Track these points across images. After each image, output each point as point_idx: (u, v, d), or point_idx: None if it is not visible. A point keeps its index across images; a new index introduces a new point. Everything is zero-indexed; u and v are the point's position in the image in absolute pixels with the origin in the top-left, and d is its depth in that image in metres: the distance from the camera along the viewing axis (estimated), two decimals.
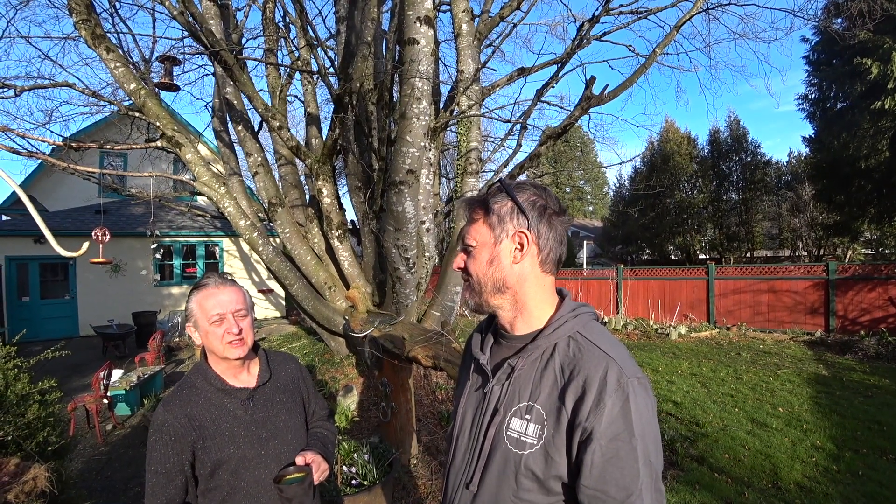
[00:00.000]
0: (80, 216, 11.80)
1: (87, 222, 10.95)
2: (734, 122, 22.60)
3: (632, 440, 0.77)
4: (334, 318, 5.63)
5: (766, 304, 9.77)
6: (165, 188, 13.08)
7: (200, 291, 1.39)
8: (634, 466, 0.77)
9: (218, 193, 4.86)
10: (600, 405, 0.78)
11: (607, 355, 0.83)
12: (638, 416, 0.79)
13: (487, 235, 0.93)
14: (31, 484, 1.80)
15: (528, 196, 0.93)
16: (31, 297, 11.34)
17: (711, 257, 22.74)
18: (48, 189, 12.99)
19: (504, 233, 0.92)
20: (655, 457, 0.81)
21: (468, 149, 6.22)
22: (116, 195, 11.83)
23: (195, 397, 1.36)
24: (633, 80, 5.80)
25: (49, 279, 11.57)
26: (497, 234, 0.92)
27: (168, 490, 1.28)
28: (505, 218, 0.92)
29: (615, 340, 0.90)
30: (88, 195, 12.54)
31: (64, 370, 7.20)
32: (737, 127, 22.46)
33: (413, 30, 3.94)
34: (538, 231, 0.91)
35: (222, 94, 5.93)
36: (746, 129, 22.49)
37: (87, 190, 12.43)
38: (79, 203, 12.64)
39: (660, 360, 7.48)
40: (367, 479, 2.93)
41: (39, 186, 12.80)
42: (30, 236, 10.97)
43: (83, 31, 3.83)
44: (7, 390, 2.23)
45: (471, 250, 0.96)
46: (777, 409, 5.00)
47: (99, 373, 5.00)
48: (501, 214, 0.92)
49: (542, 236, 0.92)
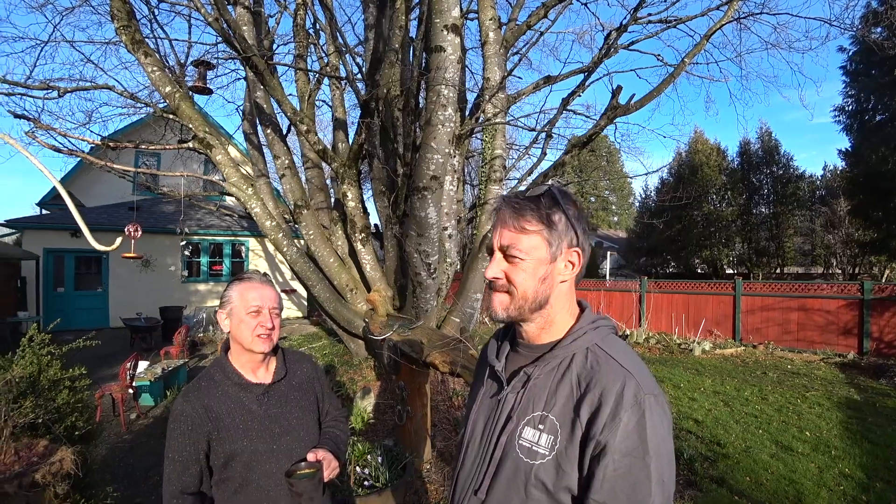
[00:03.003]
0: (115, 212, 12.25)
1: (121, 218, 11.35)
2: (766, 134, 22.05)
3: (646, 457, 0.76)
4: (355, 321, 5.69)
5: (795, 322, 9.45)
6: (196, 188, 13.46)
7: (243, 283, 1.44)
8: (647, 485, 0.75)
9: (245, 194, 4.98)
10: (616, 419, 0.77)
11: (625, 370, 0.82)
12: (653, 434, 0.77)
13: (544, 251, 0.88)
14: (57, 465, 1.87)
15: (576, 209, 0.90)
16: (66, 288, 11.80)
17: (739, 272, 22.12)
18: (86, 186, 13.53)
19: (559, 250, 0.89)
20: (669, 476, 0.79)
21: (492, 156, 6.23)
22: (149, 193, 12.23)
23: (213, 390, 1.40)
24: (661, 90, 5.73)
25: (83, 271, 12.03)
26: (553, 251, 0.88)
27: (184, 478, 1.32)
28: (562, 234, 0.88)
29: (634, 355, 0.88)
30: (123, 192, 13.02)
31: (93, 359, 7.45)
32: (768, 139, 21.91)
33: (440, 37, 3.99)
34: (583, 247, 0.90)
35: (253, 97, 6.09)
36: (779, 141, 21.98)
37: (122, 188, 12.91)
38: (114, 200, 13.13)
39: (682, 376, 7.30)
40: (379, 482, 2.95)
41: (78, 183, 13.34)
42: (67, 230, 11.43)
43: (123, 37, 4.00)
44: (40, 375, 2.33)
45: (517, 261, 0.89)
46: (804, 433, 4.81)
47: (126, 363, 5.17)
48: (560, 230, 0.88)
49: (585, 252, 0.90)
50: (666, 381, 6.91)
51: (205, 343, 9.82)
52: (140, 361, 5.78)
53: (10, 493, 1.76)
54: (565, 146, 6.10)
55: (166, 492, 1.33)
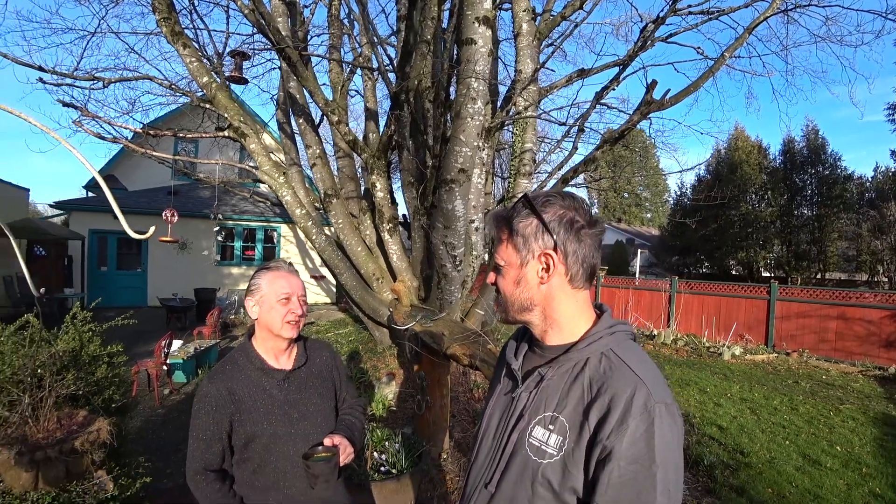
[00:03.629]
0: (154, 196, 12.74)
1: (160, 202, 11.79)
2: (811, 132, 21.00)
3: (652, 466, 0.76)
4: (380, 309, 5.78)
5: (833, 331, 9.06)
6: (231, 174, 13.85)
7: (272, 272, 1.50)
8: (652, 493, 0.75)
9: (277, 182, 5.11)
10: (623, 426, 0.77)
11: (637, 377, 0.82)
12: (661, 443, 0.77)
13: (514, 256, 0.93)
14: (94, 435, 2.00)
15: (555, 211, 0.90)
16: (109, 268, 12.40)
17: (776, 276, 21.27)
18: (128, 171, 14.12)
19: (530, 254, 0.91)
20: (675, 486, 0.78)
21: (522, 150, 6.18)
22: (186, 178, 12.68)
23: (237, 373, 1.46)
24: (699, 85, 5.55)
25: (124, 252, 12.60)
26: (523, 255, 0.91)
27: (207, 455, 1.39)
28: (529, 238, 0.90)
29: (649, 362, 0.88)
30: (163, 177, 13.52)
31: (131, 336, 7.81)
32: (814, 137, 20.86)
33: (471, 30, 3.97)
34: (565, 249, 0.89)
35: (286, 88, 6.21)
36: (825, 139, 20.86)
37: (162, 173, 13.40)
38: (154, 184, 13.66)
39: (709, 380, 7.13)
40: (395, 468, 3.02)
41: (121, 168, 13.94)
42: (110, 212, 11.95)
43: (164, 28, 4.15)
44: (82, 350, 2.48)
45: (500, 269, 0.96)
46: (834, 447, 4.62)
47: (161, 341, 5.42)
48: (526, 235, 0.90)
49: (571, 254, 0.89)
50: (692, 385, 6.77)
51: (236, 325, 10.16)
52: (174, 340, 6.04)
53: (52, 458, 1.90)
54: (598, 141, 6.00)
55: (190, 468, 1.40)
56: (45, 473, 1.88)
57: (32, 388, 2.07)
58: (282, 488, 1.43)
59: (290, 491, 1.43)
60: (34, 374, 2.08)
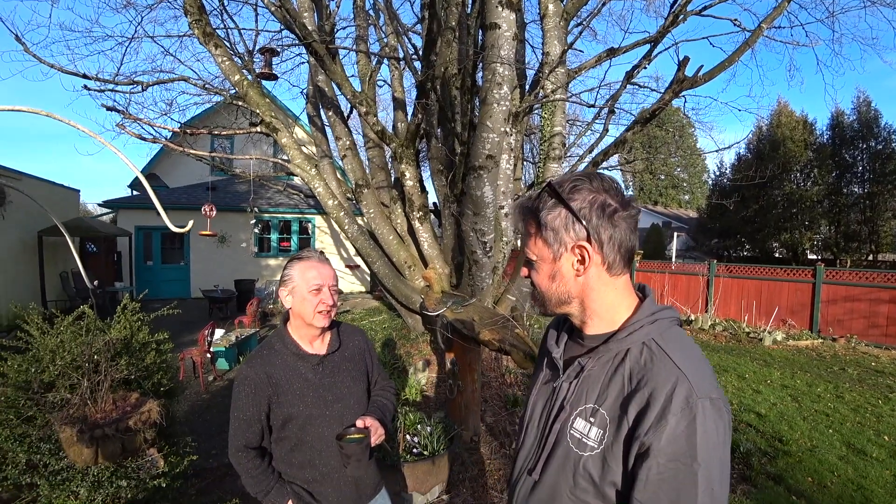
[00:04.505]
0: (194, 192, 13.25)
1: (199, 198, 12.26)
2: (863, 104, 19.61)
3: (693, 464, 0.73)
4: (412, 296, 5.86)
5: (885, 315, 8.59)
6: (266, 168, 14.23)
7: (303, 262, 1.53)
8: (693, 492, 0.73)
9: (309, 175, 5.23)
10: (662, 422, 0.75)
11: (679, 370, 0.78)
12: (704, 440, 0.73)
13: (545, 251, 0.89)
14: (146, 415, 2.15)
15: (584, 197, 0.84)
16: (154, 262, 13.02)
17: (823, 258, 20.24)
18: (169, 168, 14.71)
19: (562, 247, 0.87)
20: (720, 485, 0.75)
21: (552, 133, 6.08)
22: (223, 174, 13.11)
23: (273, 358, 1.54)
24: (734, 60, 5.30)
25: (168, 247, 13.20)
26: (555, 249, 0.87)
27: (247, 434, 1.49)
28: (560, 231, 0.86)
29: (694, 352, 0.84)
30: (201, 174, 14.02)
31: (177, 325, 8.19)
32: (866, 109, 19.49)
33: (495, 14, 3.93)
34: (600, 238, 0.84)
35: (315, 81, 6.32)
36: (879, 111, 19.39)
37: (201, 169, 13.89)
38: (193, 181, 14.19)
39: (748, 366, 6.93)
40: (427, 450, 3.10)
41: (162, 166, 14.54)
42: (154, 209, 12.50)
43: (196, 30, 4.29)
44: (132, 338, 2.65)
45: (533, 263, 0.93)
46: (881, 437, 4.42)
47: (204, 330, 5.69)
48: (556, 227, 0.86)
49: (606, 242, 0.84)
50: (730, 371, 6.60)
51: (274, 314, 10.52)
52: (216, 329, 6.33)
53: (110, 436, 2.06)
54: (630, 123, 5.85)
55: (232, 445, 1.50)
56: (103, 449, 2.04)
57: (90, 373, 2.24)
58: (317, 465, 1.51)
59: (324, 468, 1.51)
60: (91, 360, 2.25)
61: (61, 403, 2.24)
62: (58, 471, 2.19)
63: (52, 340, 2.40)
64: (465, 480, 3.30)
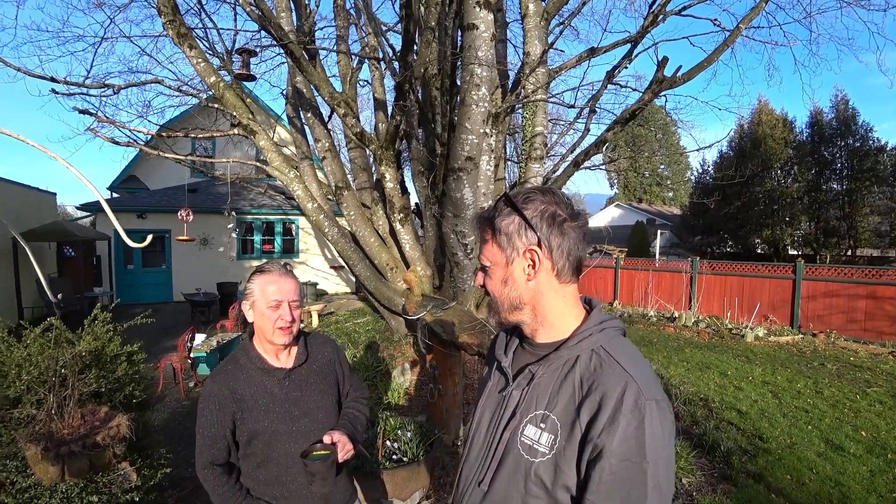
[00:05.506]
0: (174, 195, 13.03)
1: (180, 200, 12.06)
2: (841, 102, 20.00)
3: (643, 463, 0.77)
4: (394, 299, 5.83)
5: (863, 310, 8.77)
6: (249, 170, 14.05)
7: (263, 276, 1.49)
8: (643, 490, 0.77)
9: (287, 178, 5.17)
10: (614, 423, 0.78)
11: (627, 374, 0.83)
12: (652, 440, 0.77)
13: (499, 255, 0.93)
14: (115, 430, 2.10)
15: (536, 207, 0.90)
16: (135, 266, 12.78)
17: (804, 254, 20.60)
18: (149, 170, 14.47)
19: (514, 251, 0.91)
20: (666, 483, 0.79)
21: (533, 133, 6.09)
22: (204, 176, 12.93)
23: (238, 373, 1.51)
24: (713, 60, 5.38)
25: (149, 250, 12.94)
26: (508, 253, 0.92)
27: (212, 451, 1.46)
28: (513, 236, 0.91)
29: (639, 358, 0.89)
30: (182, 176, 13.81)
31: (158, 331, 8.09)
32: (844, 108, 19.87)
33: (472, 14, 3.92)
34: (549, 244, 0.89)
35: (293, 82, 6.25)
36: (856, 109, 19.78)
37: (181, 171, 13.68)
38: (174, 182, 13.97)
39: (730, 363, 7.02)
40: (407, 456, 3.08)
41: (142, 168, 14.30)
42: (134, 212, 12.31)
43: (170, 31, 4.20)
44: (104, 349, 2.59)
45: (487, 270, 0.97)
46: (859, 433, 4.49)
47: (184, 336, 5.59)
48: (509, 233, 0.91)
49: (556, 248, 0.89)
50: (712, 368, 6.68)
51: None
52: (197, 334, 6.23)
53: (76, 452, 2.00)
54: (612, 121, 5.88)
55: (198, 462, 1.47)
56: (70, 466, 1.98)
57: (57, 387, 2.17)
58: (284, 483, 1.48)
59: (291, 486, 1.48)
60: (58, 374, 2.18)
61: (27, 420, 2.18)
62: (25, 488, 2.13)
63: (18, 353, 2.33)
64: (447, 485, 3.28)
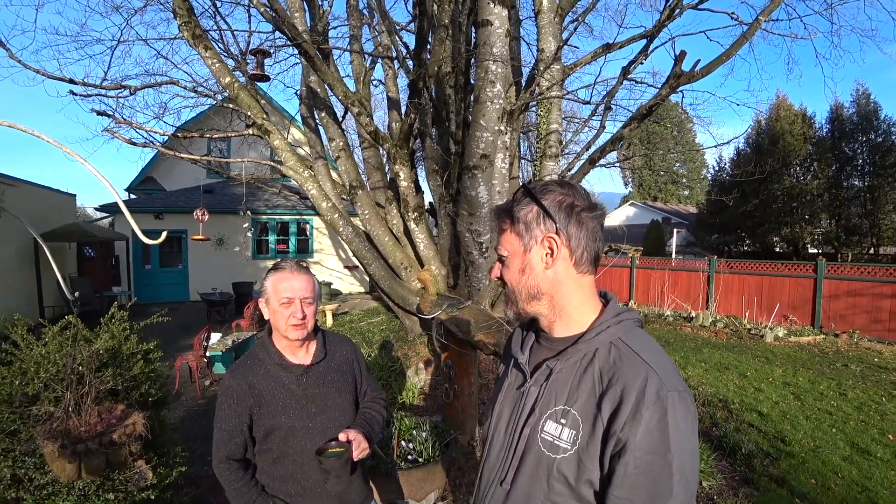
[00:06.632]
0: (191, 195, 13.20)
1: (196, 201, 12.20)
2: (862, 97, 19.51)
3: (667, 455, 0.76)
4: (409, 298, 5.81)
5: (888, 310, 8.53)
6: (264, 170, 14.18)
7: (276, 273, 1.51)
8: (668, 482, 0.76)
9: (302, 177, 5.18)
10: (637, 416, 0.77)
11: (648, 365, 0.82)
12: (675, 431, 0.76)
13: (517, 244, 0.93)
14: (131, 428, 2.10)
15: (554, 197, 0.90)
16: (153, 265, 12.98)
17: (824, 252, 20.14)
18: (166, 171, 14.67)
19: (532, 239, 0.91)
20: (691, 473, 0.78)
21: (548, 131, 6.03)
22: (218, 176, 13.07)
23: (257, 368, 1.51)
24: (731, 54, 5.25)
25: (166, 250, 13.15)
26: (526, 241, 0.92)
27: (229, 445, 1.45)
28: (531, 224, 0.91)
29: (658, 350, 0.87)
30: (198, 176, 13.99)
31: (176, 330, 8.21)
32: (866, 102, 19.39)
33: (486, 10, 3.88)
34: (568, 232, 0.89)
35: (307, 82, 6.27)
36: (878, 104, 19.27)
37: (198, 172, 13.85)
38: (190, 183, 14.15)
39: (749, 363, 6.87)
40: (422, 457, 3.05)
41: (159, 169, 14.50)
42: (151, 212, 12.50)
43: (185, 33, 4.23)
44: (121, 347, 2.60)
45: (504, 260, 0.97)
46: (885, 436, 4.35)
47: (199, 335, 5.64)
48: (528, 221, 0.91)
49: (573, 237, 0.89)
50: (731, 369, 6.54)
51: None
52: (213, 333, 6.28)
53: (93, 450, 2.00)
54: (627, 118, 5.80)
55: (215, 456, 1.47)
56: (86, 464, 1.99)
57: (74, 385, 2.19)
58: (299, 479, 1.47)
59: (306, 483, 1.47)
60: (75, 372, 2.20)
61: (45, 417, 2.20)
62: (43, 485, 2.15)
63: (37, 351, 2.35)
64: (462, 486, 3.25)
